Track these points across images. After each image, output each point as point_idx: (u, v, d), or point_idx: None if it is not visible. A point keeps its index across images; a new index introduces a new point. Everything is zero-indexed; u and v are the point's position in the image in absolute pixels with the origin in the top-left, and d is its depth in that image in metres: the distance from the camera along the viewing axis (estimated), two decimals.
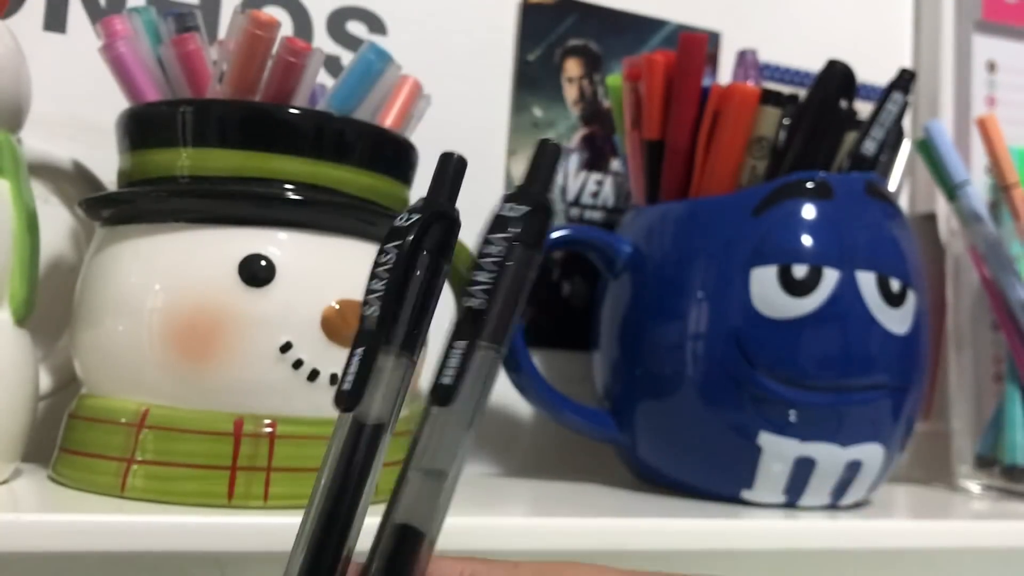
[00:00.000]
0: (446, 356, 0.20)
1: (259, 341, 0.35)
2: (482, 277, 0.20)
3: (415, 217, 0.22)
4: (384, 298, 0.21)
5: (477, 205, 0.61)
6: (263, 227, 0.36)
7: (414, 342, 0.21)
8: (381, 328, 0.21)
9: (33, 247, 0.37)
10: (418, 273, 0.21)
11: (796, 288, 0.43)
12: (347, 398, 0.21)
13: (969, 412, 0.59)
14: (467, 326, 0.20)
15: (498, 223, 0.21)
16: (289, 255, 0.36)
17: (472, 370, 0.21)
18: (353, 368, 0.21)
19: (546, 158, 0.22)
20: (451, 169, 0.23)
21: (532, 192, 0.21)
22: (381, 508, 0.22)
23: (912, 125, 0.67)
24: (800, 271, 0.43)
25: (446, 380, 0.20)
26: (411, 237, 0.21)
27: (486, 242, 0.21)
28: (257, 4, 0.51)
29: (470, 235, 0.47)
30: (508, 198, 0.21)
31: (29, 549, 0.30)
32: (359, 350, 0.21)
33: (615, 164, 0.59)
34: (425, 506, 0.21)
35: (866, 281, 0.44)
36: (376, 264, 0.21)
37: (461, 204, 0.53)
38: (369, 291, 0.21)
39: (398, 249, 0.21)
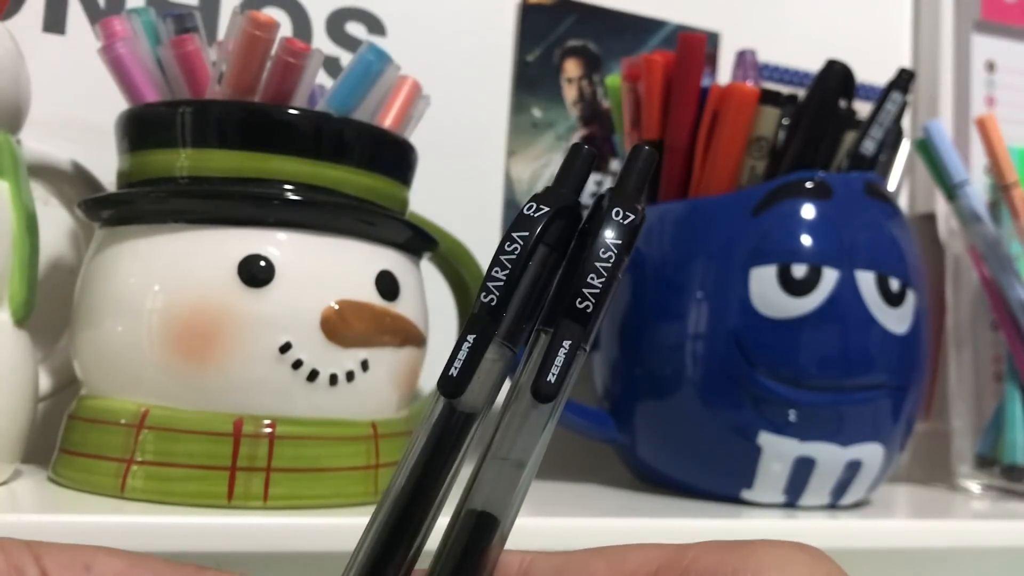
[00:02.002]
0: (550, 354, 0.20)
1: (258, 341, 0.35)
2: (595, 281, 0.21)
3: (544, 209, 0.21)
4: (504, 288, 0.21)
5: (476, 205, 0.61)
6: (262, 227, 0.36)
7: (519, 335, 0.21)
8: (495, 318, 0.21)
9: (33, 248, 0.37)
10: (535, 266, 0.21)
11: (795, 288, 0.43)
12: (452, 384, 0.20)
13: (969, 412, 0.59)
14: (574, 327, 0.20)
15: (617, 229, 0.21)
16: (288, 255, 0.36)
17: (575, 370, 0.21)
18: (462, 355, 0.20)
19: (642, 163, 0.23)
20: (579, 161, 0.23)
21: (635, 198, 0.22)
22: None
23: (911, 125, 0.67)
24: (799, 271, 0.43)
25: (551, 378, 0.20)
26: (537, 229, 0.21)
27: (603, 247, 0.21)
28: (256, 5, 0.51)
29: (465, 237, 0.47)
30: (614, 203, 0.21)
31: None
32: (470, 337, 0.21)
33: (614, 164, 0.59)
34: (502, 494, 0.21)
35: (865, 281, 0.44)
36: (500, 251, 0.21)
37: (459, 206, 0.53)
38: (490, 278, 0.21)
39: (523, 241, 0.21)
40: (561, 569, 0.22)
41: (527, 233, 0.21)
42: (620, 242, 0.21)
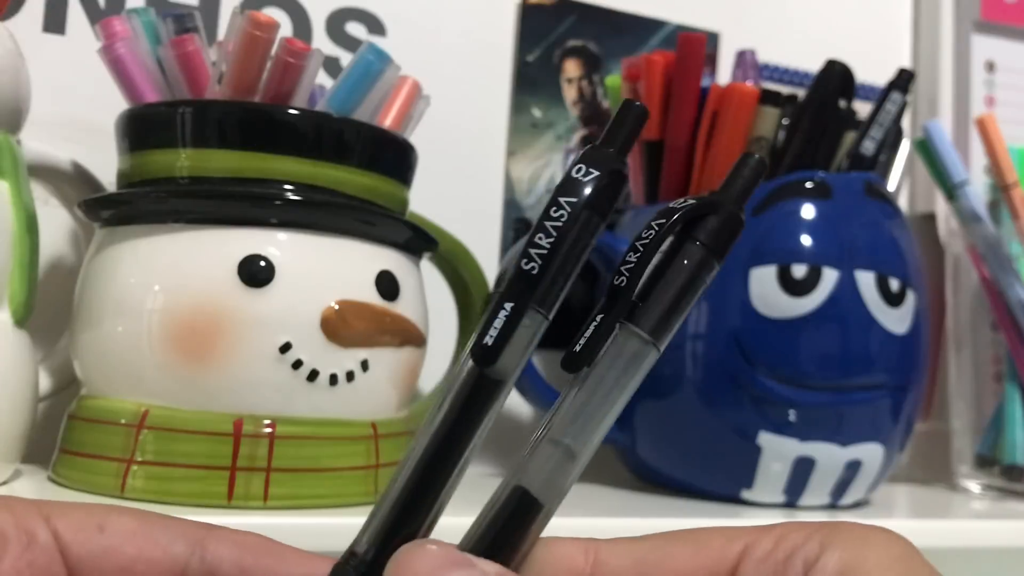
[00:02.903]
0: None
1: (259, 341, 0.35)
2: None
3: (593, 173, 0.20)
4: (547, 256, 0.20)
5: (476, 205, 0.61)
6: (262, 228, 0.36)
7: (554, 300, 0.20)
8: (535, 287, 0.20)
9: (33, 248, 0.37)
10: (580, 233, 0.20)
11: (795, 288, 0.43)
12: (486, 354, 0.20)
13: (969, 412, 0.59)
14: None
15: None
16: (288, 256, 0.36)
17: (611, 348, 0.20)
18: (498, 323, 0.20)
19: (748, 171, 0.22)
20: (630, 118, 0.21)
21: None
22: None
23: (911, 125, 0.67)
24: (799, 271, 0.43)
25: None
26: (586, 195, 0.20)
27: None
28: (256, 5, 0.51)
29: (465, 237, 0.47)
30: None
31: None
32: (508, 305, 0.20)
33: None
34: (550, 479, 0.21)
35: (865, 281, 0.44)
36: (546, 217, 0.20)
37: (459, 206, 0.53)
38: (532, 244, 0.20)
39: (571, 207, 0.20)
40: (641, 559, 0.22)
41: (574, 199, 0.20)
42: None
